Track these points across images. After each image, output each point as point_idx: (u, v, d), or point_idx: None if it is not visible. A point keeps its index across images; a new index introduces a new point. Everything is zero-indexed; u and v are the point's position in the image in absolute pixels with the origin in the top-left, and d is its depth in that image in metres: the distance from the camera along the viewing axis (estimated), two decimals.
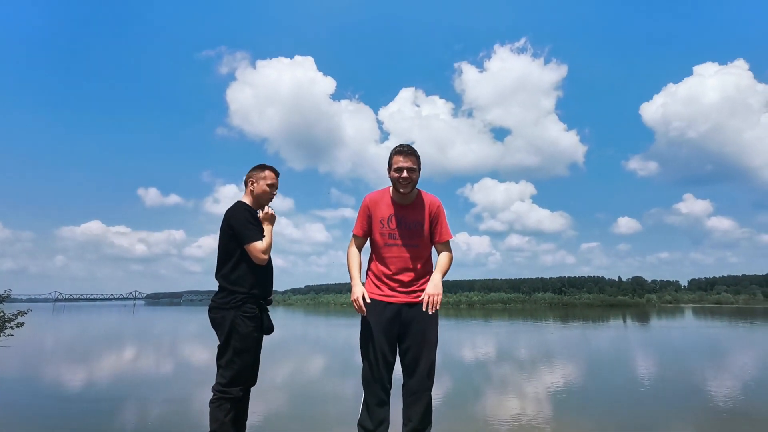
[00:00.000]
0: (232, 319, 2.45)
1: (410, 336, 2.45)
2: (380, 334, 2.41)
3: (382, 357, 2.41)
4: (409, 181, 2.46)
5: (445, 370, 10.15)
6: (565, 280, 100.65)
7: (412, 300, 2.49)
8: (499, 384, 8.05)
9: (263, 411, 5.50)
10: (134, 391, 7.28)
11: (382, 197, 2.58)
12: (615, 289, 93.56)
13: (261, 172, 2.74)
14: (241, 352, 2.46)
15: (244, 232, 2.52)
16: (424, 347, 2.45)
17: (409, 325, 2.46)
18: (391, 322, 2.44)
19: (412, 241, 2.52)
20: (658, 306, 76.09)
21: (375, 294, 2.50)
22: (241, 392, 2.48)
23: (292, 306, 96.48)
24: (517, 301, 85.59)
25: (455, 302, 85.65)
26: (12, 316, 5.31)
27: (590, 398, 6.75)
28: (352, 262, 2.55)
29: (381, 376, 2.41)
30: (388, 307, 2.45)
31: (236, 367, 2.45)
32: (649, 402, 6.38)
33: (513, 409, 5.91)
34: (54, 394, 7.44)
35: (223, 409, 2.39)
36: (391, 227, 2.50)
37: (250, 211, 2.62)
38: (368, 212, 2.56)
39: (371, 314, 2.44)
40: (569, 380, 8.29)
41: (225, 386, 2.43)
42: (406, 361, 2.46)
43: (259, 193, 2.71)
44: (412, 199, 2.56)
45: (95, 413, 5.91)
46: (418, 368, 2.43)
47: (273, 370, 9.39)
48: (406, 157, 2.45)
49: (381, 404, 2.42)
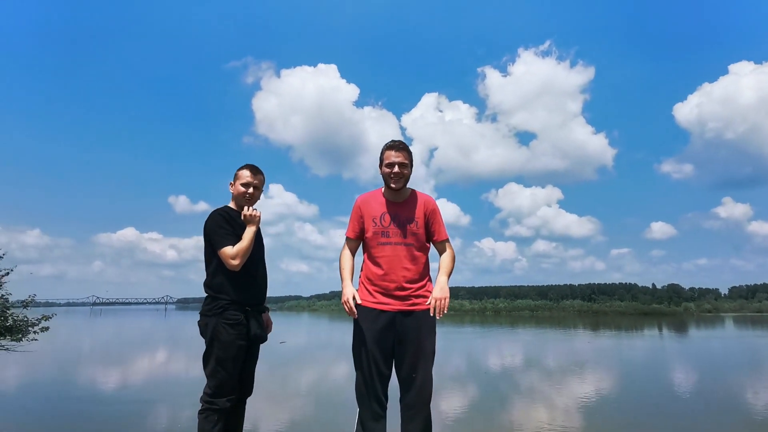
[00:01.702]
0: (214, 327, 2.35)
1: (405, 347, 2.28)
2: (373, 345, 2.26)
3: (375, 369, 2.26)
4: (401, 176, 2.38)
5: (470, 379, 9.99)
6: (595, 287, 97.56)
7: (406, 308, 2.32)
8: (527, 394, 7.86)
9: (256, 421, 5.56)
10: (167, 394, 7.48)
11: (374, 196, 2.48)
12: (649, 297, 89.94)
13: (239, 171, 2.62)
14: (223, 360, 2.33)
15: (213, 237, 2.42)
16: (421, 358, 2.27)
17: (404, 335, 2.28)
18: (384, 331, 2.28)
19: (406, 240, 2.38)
20: (697, 315, 72.64)
21: (368, 301, 2.34)
22: (229, 403, 2.34)
23: (317, 312, 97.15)
24: (545, 309, 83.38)
25: (480, 309, 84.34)
26: (35, 320, 5.51)
27: (623, 411, 6.50)
28: (344, 263, 2.44)
29: (375, 389, 2.27)
30: (381, 316, 2.29)
31: (219, 376, 2.33)
32: (686, 417, 6.09)
33: (541, 420, 5.75)
34: (88, 396, 7.72)
35: (210, 420, 2.30)
36: (384, 225, 2.39)
37: (223, 215, 2.49)
38: (360, 212, 2.46)
39: (364, 323, 2.30)
40: (601, 392, 8.01)
41: (211, 396, 2.33)
42: (402, 374, 2.29)
43: (235, 195, 2.59)
44: (405, 197, 2.47)
45: (129, 415, 6.10)
46: (414, 381, 2.26)
47: (279, 378, 9.46)
48: (397, 152, 2.38)
49: (377, 419, 2.27)
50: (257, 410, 6.42)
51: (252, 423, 5.63)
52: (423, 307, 2.33)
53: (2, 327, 5.26)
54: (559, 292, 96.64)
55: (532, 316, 66.24)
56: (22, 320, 5.52)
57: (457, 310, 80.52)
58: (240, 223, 2.51)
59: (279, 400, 7.38)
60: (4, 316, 5.35)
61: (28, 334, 5.51)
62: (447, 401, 7.14)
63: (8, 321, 5.37)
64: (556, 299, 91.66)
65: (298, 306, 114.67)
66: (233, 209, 2.59)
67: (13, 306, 5.82)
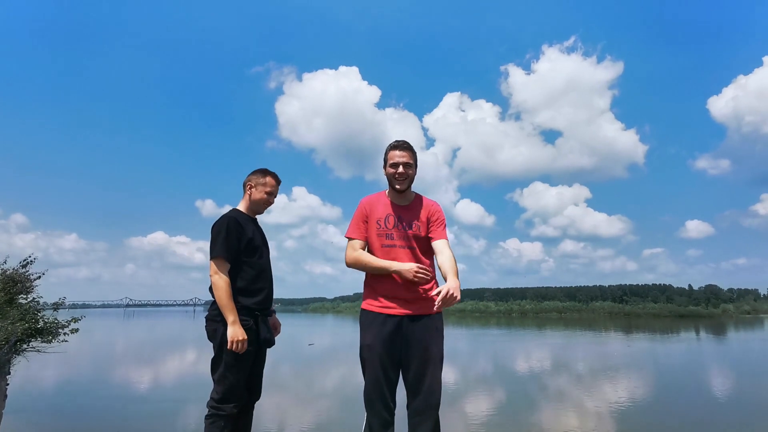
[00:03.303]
0: (223, 333, 2.32)
1: (413, 351, 2.24)
2: (381, 350, 2.22)
3: (383, 374, 2.22)
4: (405, 176, 2.32)
5: (497, 382, 9.75)
6: (626, 288, 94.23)
7: (413, 312, 2.27)
8: (556, 398, 7.59)
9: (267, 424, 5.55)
10: (194, 393, 7.59)
11: (378, 198, 2.44)
12: (685, 299, 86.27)
13: (262, 178, 2.56)
14: (232, 366, 2.32)
15: (212, 244, 2.38)
16: (429, 363, 2.22)
17: (412, 339, 2.25)
18: (392, 336, 2.24)
19: (410, 243, 2.34)
20: (736, 317, 69.47)
21: (374, 306, 2.32)
22: (235, 409, 2.34)
23: (341, 313, 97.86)
24: (573, 310, 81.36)
25: (507, 311, 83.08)
26: (66, 322, 5.74)
27: (658, 419, 6.18)
28: (368, 258, 2.33)
29: (383, 395, 2.22)
30: (388, 320, 2.25)
31: (228, 382, 2.32)
32: (724, 426, 5.74)
33: (571, 426, 5.52)
34: (118, 396, 7.91)
35: (216, 426, 2.29)
36: (389, 227, 2.34)
37: (229, 224, 2.42)
38: (365, 214, 2.40)
39: (371, 328, 2.27)
40: (634, 397, 7.66)
41: (218, 402, 2.32)
42: (410, 379, 2.24)
43: (256, 200, 2.55)
44: (410, 200, 2.43)
45: (153, 414, 6.20)
46: (422, 386, 2.21)
47: (296, 380, 9.46)
48: (402, 152, 2.33)
49: (385, 425, 2.22)
50: (269, 412, 6.42)
51: (263, 426, 5.62)
52: (430, 311, 2.28)
53: (33, 329, 5.44)
54: (588, 294, 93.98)
55: (560, 317, 64.83)
56: (53, 322, 5.71)
57: (483, 312, 79.59)
58: (246, 230, 2.46)
59: (291, 402, 7.39)
60: (35, 319, 5.54)
61: (58, 336, 5.70)
62: (473, 404, 6.96)
63: (39, 323, 5.56)
64: (585, 301, 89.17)
65: (322, 308, 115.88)
66: (243, 213, 2.55)
67: (44, 308, 6.03)
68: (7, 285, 5.61)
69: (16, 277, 5.80)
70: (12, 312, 5.27)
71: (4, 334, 4.66)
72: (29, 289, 5.97)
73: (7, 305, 5.40)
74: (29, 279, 5.98)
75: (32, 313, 5.55)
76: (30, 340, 5.51)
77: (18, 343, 5.29)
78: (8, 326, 4.82)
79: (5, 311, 5.20)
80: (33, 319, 5.47)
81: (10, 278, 5.72)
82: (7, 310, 5.26)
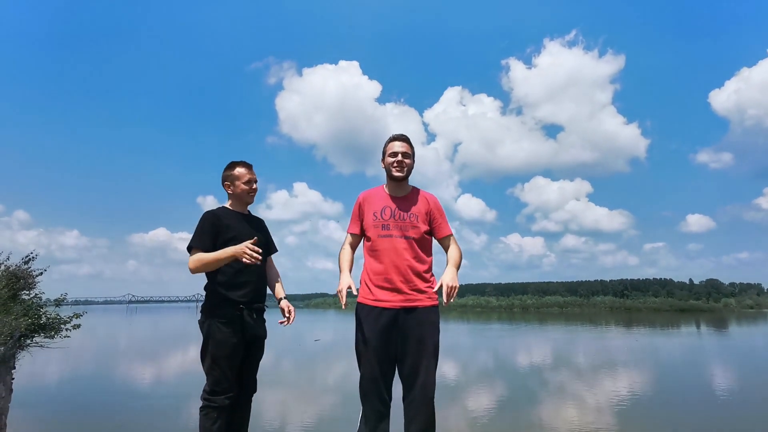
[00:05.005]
0: (209, 325, 2.38)
1: (408, 344, 2.24)
2: (376, 343, 2.24)
3: (378, 367, 2.24)
4: (404, 165, 2.35)
5: (498, 376, 9.79)
6: (628, 282, 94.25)
7: (408, 304, 2.28)
8: (557, 393, 7.62)
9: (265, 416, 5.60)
10: (196, 389, 7.63)
11: (376, 192, 2.48)
12: (686, 293, 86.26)
13: (232, 172, 2.59)
14: (218, 359, 2.36)
15: (192, 239, 2.44)
16: (424, 356, 2.23)
17: (407, 332, 2.25)
18: (387, 329, 2.25)
19: (407, 233, 2.35)
20: (738, 311, 69.47)
21: (368, 299, 2.33)
22: (227, 401, 2.36)
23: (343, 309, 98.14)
24: (575, 305, 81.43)
25: (508, 306, 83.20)
26: (68, 318, 5.81)
27: (659, 413, 6.20)
28: (343, 256, 2.47)
29: (379, 388, 2.24)
30: (383, 313, 2.27)
31: (215, 374, 2.35)
32: (726, 420, 5.76)
33: (571, 421, 5.55)
34: (119, 390, 7.97)
35: (209, 417, 2.33)
36: (385, 218, 2.36)
37: (206, 218, 2.47)
38: (362, 208, 2.45)
39: (366, 321, 2.30)
40: (635, 392, 7.69)
41: (209, 394, 2.36)
42: (405, 372, 2.25)
43: (239, 194, 2.58)
44: (407, 192, 2.45)
45: (154, 410, 6.24)
46: (417, 379, 2.22)
47: (294, 374, 9.50)
48: (401, 143, 2.38)
49: (380, 418, 2.24)
50: (268, 405, 6.46)
51: (261, 418, 5.66)
52: (425, 304, 2.29)
53: (36, 324, 5.49)
54: (589, 288, 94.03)
55: (561, 312, 64.92)
56: (55, 318, 5.76)
57: (484, 307, 79.71)
58: (227, 224, 2.48)
59: (293, 395, 7.42)
60: (38, 314, 5.59)
61: (60, 332, 5.75)
62: (475, 399, 6.99)
63: (41, 319, 5.61)
64: (587, 295, 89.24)
65: (324, 303, 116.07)
66: (229, 210, 2.58)
67: (46, 304, 6.07)
68: (10, 281, 5.65)
69: (18, 273, 5.84)
70: (15, 308, 5.32)
71: (8, 330, 4.70)
72: (32, 285, 6.01)
73: (11, 301, 5.44)
74: (32, 275, 6.02)
75: (35, 309, 5.60)
76: (33, 335, 5.56)
77: (22, 339, 5.34)
78: (12, 321, 4.86)
79: (9, 307, 5.24)
80: (36, 315, 5.52)
81: (13, 274, 5.76)
82: (10, 305, 5.31)
